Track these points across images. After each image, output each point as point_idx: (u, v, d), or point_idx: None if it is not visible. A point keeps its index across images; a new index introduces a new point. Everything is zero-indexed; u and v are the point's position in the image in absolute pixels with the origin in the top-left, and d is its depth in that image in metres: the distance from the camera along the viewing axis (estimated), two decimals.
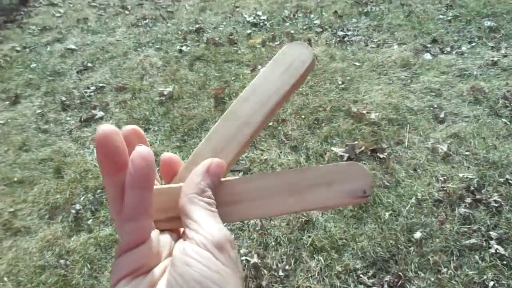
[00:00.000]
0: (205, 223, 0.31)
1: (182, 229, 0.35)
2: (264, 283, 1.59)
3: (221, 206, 0.34)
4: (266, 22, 3.46)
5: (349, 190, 0.33)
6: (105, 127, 0.29)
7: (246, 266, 1.64)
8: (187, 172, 0.35)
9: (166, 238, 0.33)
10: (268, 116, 0.36)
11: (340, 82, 2.64)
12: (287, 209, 0.34)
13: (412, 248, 1.67)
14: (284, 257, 1.68)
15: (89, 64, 3.00)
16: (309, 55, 0.36)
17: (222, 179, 0.35)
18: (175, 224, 0.34)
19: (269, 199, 0.34)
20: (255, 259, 1.65)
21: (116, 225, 0.31)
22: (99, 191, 2.00)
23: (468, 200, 1.81)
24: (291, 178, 0.34)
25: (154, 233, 0.32)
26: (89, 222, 1.86)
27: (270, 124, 2.32)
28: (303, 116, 2.38)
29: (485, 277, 1.56)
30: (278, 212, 0.34)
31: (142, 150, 0.30)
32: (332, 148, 2.14)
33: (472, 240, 1.67)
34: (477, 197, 1.82)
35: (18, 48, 3.23)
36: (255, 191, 0.34)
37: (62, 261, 1.71)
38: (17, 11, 3.83)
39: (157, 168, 0.36)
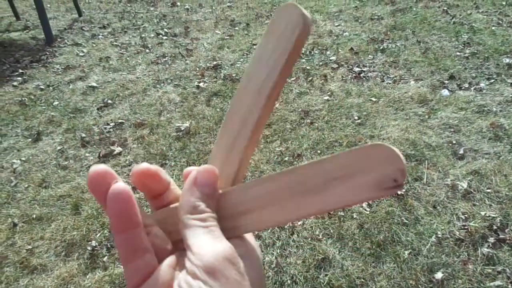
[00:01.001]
0: (197, 246, 0.28)
1: None
2: None
3: (227, 219, 0.31)
4: None
5: (376, 180, 0.26)
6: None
7: None
8: None
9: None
10: (267, 104, 0.32)
11: (356, 117, 2.64)
12: (303, 213, 0.29)
13: None
14: None
15: (109, 101, 3.08)
16: (298, 20, 0.30)
17: (228, 189, 0.33)
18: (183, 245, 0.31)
19: (281, 204, 0.29)
20: None
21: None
22: None
23: (491, 239, 1.75)
24: (304, 176, 0.29)
25: (166, 262, 0.30)
26: (105, 259, 1.85)
27: (286, 159, 2.32)
28: (319, 151, 2.37)
29: None
30: (294, 217, 0.29)
31: (114, 190, 0.29)
32: None
33: (497, 282, 1.60)
34: (501, 236, 1.76)
35: (42, 87, 3.34)
36: (263, 198, 0.30)
37: None
38: (42, 51, 3.99)
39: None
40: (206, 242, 0.28)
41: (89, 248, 1.89)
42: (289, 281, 1.69)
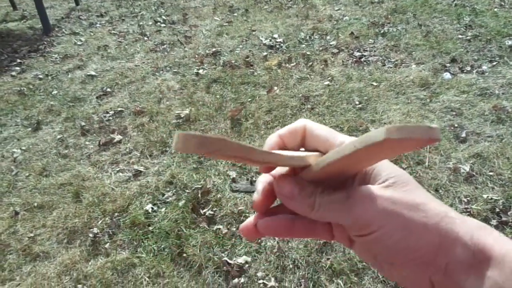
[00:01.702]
0: (343, 221, 0.31)
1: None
2: None
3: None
4: (282, 44, 3.49)
5: (416, 144, 0.26)
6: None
7: None
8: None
9: None
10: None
11: (357, 102, 2.62)
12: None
13: None
14: (302, 280, 1.63)
15: (108, 90, 3.06)
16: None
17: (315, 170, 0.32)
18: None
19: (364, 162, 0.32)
20: (272, 283, 1.61)
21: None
22: (116, 214, 2.00)
23: (494, 222, 1.75)
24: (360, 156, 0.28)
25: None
26: (107, 246, 1.85)
27: None
28: None
29: None
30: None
31: (259, 228, 0.36)
32: None
33: None
34: (503, 219, 1.75)
35: (41, 76, 3.32)
36: (342, 167, 0.32)
37: (79, 286, 1.70)
38: (40, 41, 3.96)
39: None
40: (340, 216, 0.31)
41: (91, 235, 1.89)
42: (291, 266, 1.69)
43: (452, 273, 0.28)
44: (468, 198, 1.88)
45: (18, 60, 3.57)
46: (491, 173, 2.01)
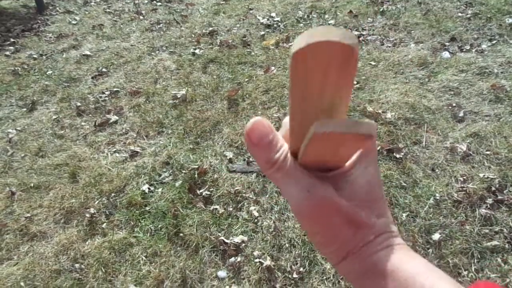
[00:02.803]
0: (290, 201, 0.31)
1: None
2: (278, 286, 1.57)
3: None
4: (279, 24, 3.44)
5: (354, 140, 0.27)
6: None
7: (260, 268, 1.62)
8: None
9: None
10: None
11: (355, 82, 2.60)
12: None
13: (430, 250, 1.62)
14: (299, 259, 1.64)
15: (104, 70, 3.02)
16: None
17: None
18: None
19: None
20: (268, 262, 1.62)
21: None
22: (113, 194, 2.00)
23: (489, 200, 1.75)
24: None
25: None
26: (104, 225, 1.86)
27: None
28: None
29: (508, 280, 1.50)
30: None
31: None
32: None
33: (494, 242, 1.61)
34: (499, 197, 1.76)
35: (35, 56, 3.28)
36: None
37: (77, 265, 1.71)
38: (34, 19, 3.90)
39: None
40: (292, 194, 0.31)
41: (87, 215, 1.90)
42: (287, 245, 1.70)
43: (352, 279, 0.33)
44: (465, 177, 1.89)
45: (12, 40, 3.52)
46: (488, 152, 2.01)
